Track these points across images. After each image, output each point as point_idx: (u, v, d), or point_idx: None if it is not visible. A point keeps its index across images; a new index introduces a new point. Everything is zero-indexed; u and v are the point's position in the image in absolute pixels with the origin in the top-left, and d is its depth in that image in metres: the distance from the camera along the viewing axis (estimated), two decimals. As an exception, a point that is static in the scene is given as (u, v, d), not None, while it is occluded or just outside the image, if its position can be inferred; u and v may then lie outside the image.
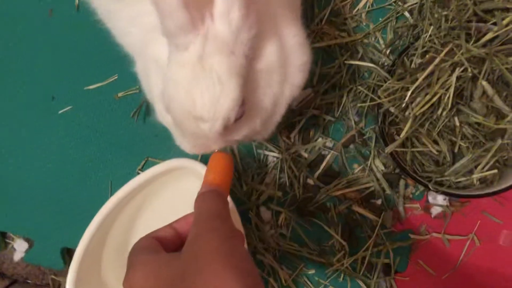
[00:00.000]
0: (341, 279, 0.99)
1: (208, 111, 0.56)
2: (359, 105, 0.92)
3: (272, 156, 1.01)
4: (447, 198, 0.98)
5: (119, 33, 0.79)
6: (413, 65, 0.88)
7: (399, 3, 0.99)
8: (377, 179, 0.99)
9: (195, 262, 0.47)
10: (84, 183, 1.05)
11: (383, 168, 0.99)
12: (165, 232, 0.59)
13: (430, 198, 0.99)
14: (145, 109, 1.03)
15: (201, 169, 0.83)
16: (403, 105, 0.85)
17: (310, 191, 1.00)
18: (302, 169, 0.99)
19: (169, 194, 0.93)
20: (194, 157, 0.88)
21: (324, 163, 1.00)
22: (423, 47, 0.87)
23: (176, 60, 0.57)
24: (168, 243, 0.58)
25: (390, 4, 1.00)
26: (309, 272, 1.00)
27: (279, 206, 1.00)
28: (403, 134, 0.84)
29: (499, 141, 0.86)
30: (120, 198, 0.86)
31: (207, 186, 0.61)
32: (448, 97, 0.85)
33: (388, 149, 0.86)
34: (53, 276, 1.07)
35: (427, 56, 0.86)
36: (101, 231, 0.87)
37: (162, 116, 0.70)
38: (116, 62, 1.02)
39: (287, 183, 1.00)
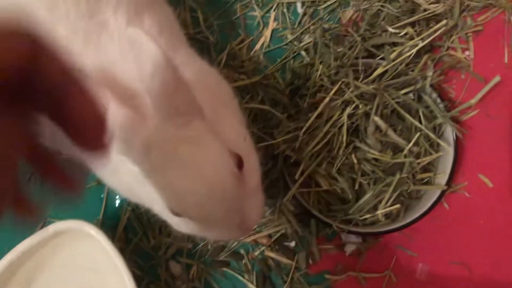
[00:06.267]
0: (259, 329, 0.95)
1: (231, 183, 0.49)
2: (258, 145, 0.90)
3: (180, 205, 0.97)
4: (360, 235, 0.96)
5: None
6: (305, 105, 0.87)
7: (295, 42, 0.99)
8: (289, 221, 0.96)
9: None
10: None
11: (293, 208, 0.96)
12: None
13: (343, 236, 0.97)
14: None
15: (92, 230, 0.79)
16: (297, 145, 0.83)
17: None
18: (211, 217, 0.96)
19: (62, 258, 0.87)
20: (86, 218, 0.83)
21: (233, 209, 0.96)
22: (313, 87, 0.86)
23: (178, 138, 0.46)
24: None
25: (286, 44, 1.00)
26: (226, 326, 0.95)
27: (190, 258, 0.96)
28: (297, 176, 0.82)
29: (398, 176, 0.85)
30: (6, 265, 0.80)
31: None
32: (342, 135, 0.84)
33: (289, 195, 0.84)
34: None
35: (317, 95, 0.86)
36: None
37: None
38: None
39: (196, 233, 0.96)
